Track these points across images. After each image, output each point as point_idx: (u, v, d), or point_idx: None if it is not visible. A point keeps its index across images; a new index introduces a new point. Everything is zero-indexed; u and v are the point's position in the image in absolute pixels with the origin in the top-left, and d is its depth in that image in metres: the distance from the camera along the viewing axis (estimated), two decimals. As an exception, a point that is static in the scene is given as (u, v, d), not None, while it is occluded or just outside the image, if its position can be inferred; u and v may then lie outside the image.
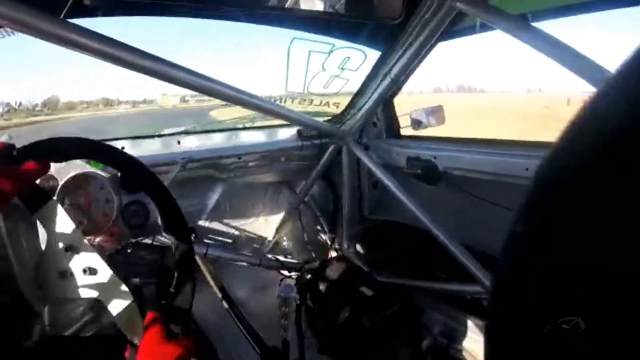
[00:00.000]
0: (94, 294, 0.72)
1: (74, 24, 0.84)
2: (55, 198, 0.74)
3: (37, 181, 0.72)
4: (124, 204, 1.15)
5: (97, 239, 1.13)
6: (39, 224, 0.72)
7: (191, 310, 0.76)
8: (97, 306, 0.82)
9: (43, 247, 0.73)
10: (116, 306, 0.71)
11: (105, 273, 0.72)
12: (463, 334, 1.45)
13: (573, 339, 0.22)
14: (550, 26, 1.07)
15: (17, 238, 0.68)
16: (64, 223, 0.72)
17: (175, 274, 0.76)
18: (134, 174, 0.77)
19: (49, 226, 0.71)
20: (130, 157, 0.76)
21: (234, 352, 1.53)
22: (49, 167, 0.69)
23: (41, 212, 0.71)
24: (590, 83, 0.86)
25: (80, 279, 0.71)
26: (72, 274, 0.71)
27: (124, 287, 0.72)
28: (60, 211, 0.72)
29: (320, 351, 1.50)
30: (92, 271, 0.72)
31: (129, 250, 1.25)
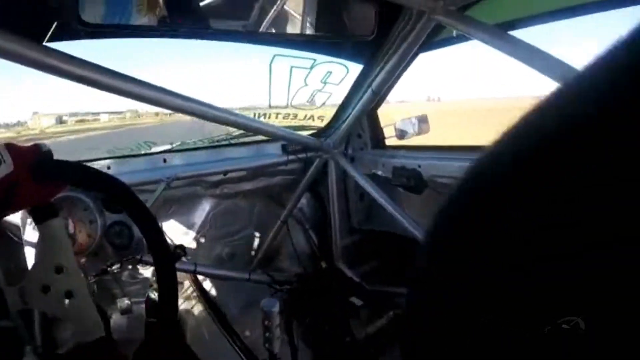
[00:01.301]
0: (70, 316, 0.72)
1: (52, 49, 0.85)
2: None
3: None
4: (108, 224, 1.15)
5: (82, 260, 1.13)
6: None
7: (177, 329, 0.77)
8: None
9: (28, 263, 0.73)
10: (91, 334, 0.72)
11: (83, 297, 0.73)
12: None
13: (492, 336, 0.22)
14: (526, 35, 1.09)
15: (2, 252, 0.69)
16: (61, 241, 0.73)
17: (158, 295, 0.77)
18: (113, 195, 0.78)
19: (47, 241, 0.72)
20: (111, 178, 0.77)
21: None
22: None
23: (46, 225, 0.71)
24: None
25: (61, 298, 0.72)
26: (54, 291, 0.71)
27: (97, 317, 0.73)
28: (63, 230, 0.74)
29: None
30: (67, 294, 0.72)
31: (116, 271, 1.25)
